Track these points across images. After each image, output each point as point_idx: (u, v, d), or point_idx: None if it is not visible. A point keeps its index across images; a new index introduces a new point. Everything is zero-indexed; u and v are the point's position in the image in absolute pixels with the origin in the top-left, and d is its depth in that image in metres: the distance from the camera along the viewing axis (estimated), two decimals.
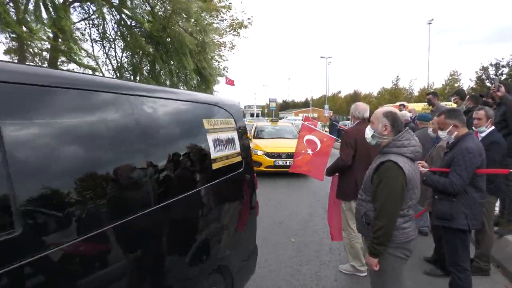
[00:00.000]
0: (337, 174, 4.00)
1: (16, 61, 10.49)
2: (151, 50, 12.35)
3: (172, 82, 12.37)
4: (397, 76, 58.27)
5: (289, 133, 12.16)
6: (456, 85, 40.29)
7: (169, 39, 10.83)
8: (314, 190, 8.21)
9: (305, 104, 78.49)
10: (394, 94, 49.26)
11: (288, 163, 8.99)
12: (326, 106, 40.09)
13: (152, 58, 12.22)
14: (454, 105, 6.56)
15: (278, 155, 9.78)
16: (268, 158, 9.72)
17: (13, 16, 8.08)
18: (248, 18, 16.82)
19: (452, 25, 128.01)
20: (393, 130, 2.35)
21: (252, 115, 49.20)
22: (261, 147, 10.13)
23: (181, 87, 12.91)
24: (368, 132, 2.45)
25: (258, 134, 12.11)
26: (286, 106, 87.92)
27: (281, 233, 5.26)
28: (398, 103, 11.55)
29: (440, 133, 3.22)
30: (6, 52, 10.59)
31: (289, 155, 9.21)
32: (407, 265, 2.47)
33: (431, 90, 10.11)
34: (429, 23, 34.53)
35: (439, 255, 3.90)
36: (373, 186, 2.30)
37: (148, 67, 12.92)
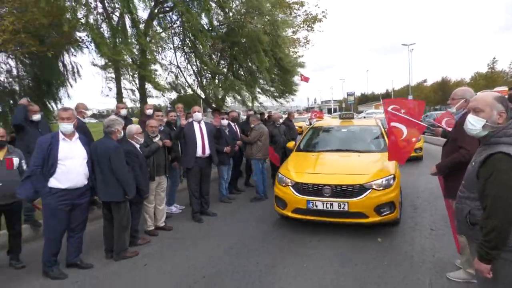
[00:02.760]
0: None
1: (113, 75, 11.68)
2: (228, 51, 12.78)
3: (253, 78, 12.56)
4: (494, 58, 50.72)
5: (371, 141, 6.42)
6: None
7: (244, 40, 11.08)
8: (400, 186, 7.63)
9: (386, 96, 73.79)
10: (491, 79, 43.70)
11: (337, 207, 4.68)
12: (410, 97, 37.36)
13: (230, 58, 12.65)
14: None
15: (316, 190, 4.83)
16: (297, 195, 4.95)
17: (107, 36, 9.06)
18: (322, 12, 16.34)
19: None
20: (507, 117, 2.05)
21: (329, 110, 47.95)
22: (289, 171, 5.35)
23: (262, 81, 13.03)
24: (475, 122, 2.11)
25: (310, 143, 6.79)
26: (365, 99, 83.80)
27: (367, 232, 5.00)
28: (503, 88, 9.76)
29: None
30: (103, 67, 11.79)
31: (340, 191, 4.72)
32: None
33: None
34: None
35: None
36: (480, 181, 2.02)
37: (226, 68, 13.42)
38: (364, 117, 24.84)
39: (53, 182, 3.78)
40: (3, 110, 9.89)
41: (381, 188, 4.73)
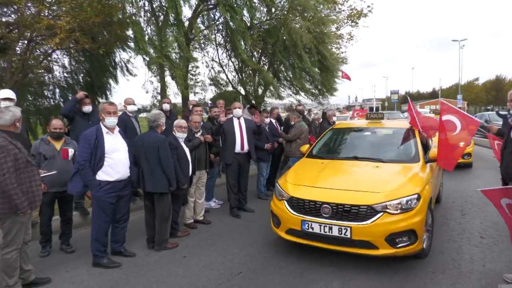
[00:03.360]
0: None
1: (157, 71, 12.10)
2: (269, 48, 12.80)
3: (294, 76, 12.50)
4: None
5: (400, 148, 5.10)
6: None
7: (285, 37, 11.01)
8: (447, 191, 7.24)
9: (432, 95, 70.63)
10: None
11: (337, 233, 3.69)
12: (459, 96, 35.26)
13: (270, 56, 12.64)
14: None
15: (314, 208, 3.88)
16: (291, 212, 4.03)
17: (150, 34, 9.37)
18: (368, 6, 15.85)
19: None
20: None
21: (371, 109, 46.17)
22: (287, 182, 4.42)
23: (303, 80, 12.94)
24: None
25: (324, 148, 5.67)
26: (410, 98, 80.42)
27: None
28: None
29: None
30: (149, 63, 12.20)
31: (342, 212, 3.71)
32: None
33: None
34: None
35: None
36: None
37: (267, 64, 13.42)
38: None
39: (101, 175, 3.94)
40: (59, 104, 10.57)
41: (397, 211, 3.64)
